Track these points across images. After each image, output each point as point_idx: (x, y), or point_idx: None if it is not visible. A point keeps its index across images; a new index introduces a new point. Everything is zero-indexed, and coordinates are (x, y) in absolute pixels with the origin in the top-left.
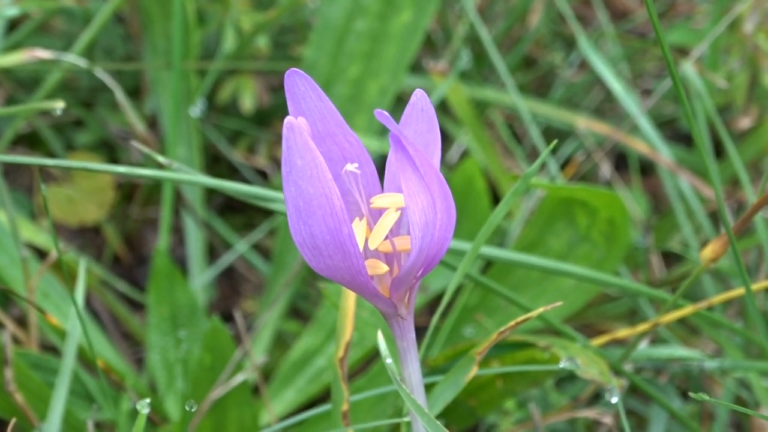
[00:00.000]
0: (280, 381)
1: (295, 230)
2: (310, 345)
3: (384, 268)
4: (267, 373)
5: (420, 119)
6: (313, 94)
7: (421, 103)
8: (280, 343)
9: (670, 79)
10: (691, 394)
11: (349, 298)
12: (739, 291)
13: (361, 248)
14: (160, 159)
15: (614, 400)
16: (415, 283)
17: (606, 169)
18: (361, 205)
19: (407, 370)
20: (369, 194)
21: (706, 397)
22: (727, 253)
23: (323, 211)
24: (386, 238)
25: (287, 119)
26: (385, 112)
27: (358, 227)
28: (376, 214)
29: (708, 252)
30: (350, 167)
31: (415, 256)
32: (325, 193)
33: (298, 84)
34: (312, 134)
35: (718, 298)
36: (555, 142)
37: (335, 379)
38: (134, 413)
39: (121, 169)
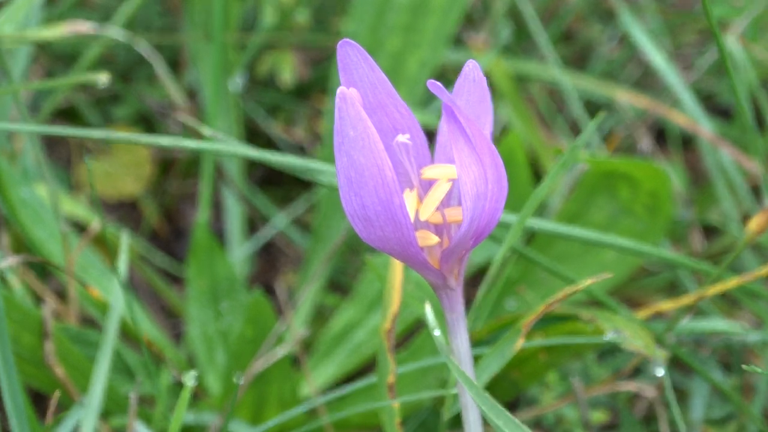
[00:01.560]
0: (319, 354)
1: (347, 201)
2: (350, 318)
3: (434, 239)
4: (307, 346)
5: (472, 90)
6: (365, 65)
7: (473, 73)
8: (319, 316)
9: (711, 53)
10: (744, 367)
11: (396, 270)
12: None
13: (411, 219)
14: (204, 130)
15: (660, 372)
16: (465, 255)
17: (646, 143)
18: (412, 176)
19: (456, 341)
20: (419, 165)
21: (758, 369)
22: None
23: (375, 181)
24: (437, 209)
25: (340, 89)
26: (438, 83)
27: (409, 198)
28: (427, 185)
29: (753, 225)
30: (401, 138)
31: (466, 227)
32: (377, 163)
33: (350, 54)
34: (363, 105)
35: (764, 270)
36: (602, 114)
37: (381, 351)
38: (174, 387)
39: (165, 140)
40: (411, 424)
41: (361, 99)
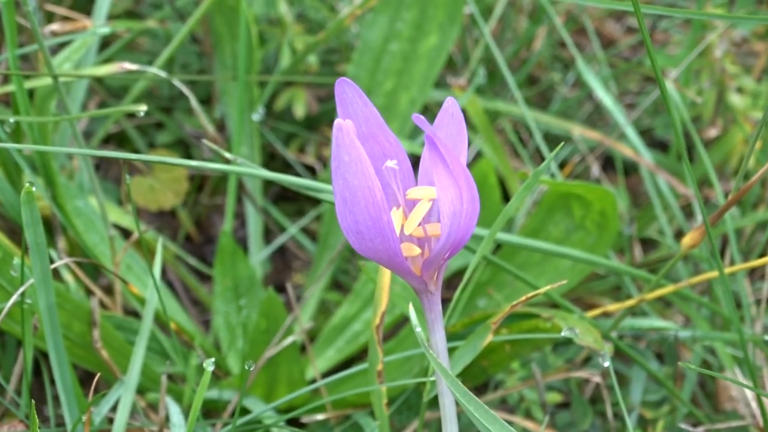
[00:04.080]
0: (322, 342)
1: (342, 217)
2: (349, 312)
3: (417, 250)
4: (312, 336)
5: (450, 123)
6: (359, 100)
7: (452, 109)
8: (324, 310)
9: (650, 96)
10: (681, 364)
11: (386, 274)
12: (713, 274)
13: (397, 233)
14: (227, 155)
15: (606, 364)
16: (443, 264)
17: (596, 170)
18: (398, 196)
19: (434, 337)
20: (405, 187)
21: (691, 366)
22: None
23: (366, 201)
24: (419, 224)
25: (336, 121)
26: (422, 117)
27: (396, 215)
28: (411, 204)
29: (687, 240)
30: (390, 164)
31: (444, 240)
32: (368, 185)
33: (347, 91)
34: (357, 135)
35: (696, 279)
36: (562, 145)
37: (372, 343)
38: (202, 368)
39: (195, 163)
40: (397, 403)
41: (356, 130)
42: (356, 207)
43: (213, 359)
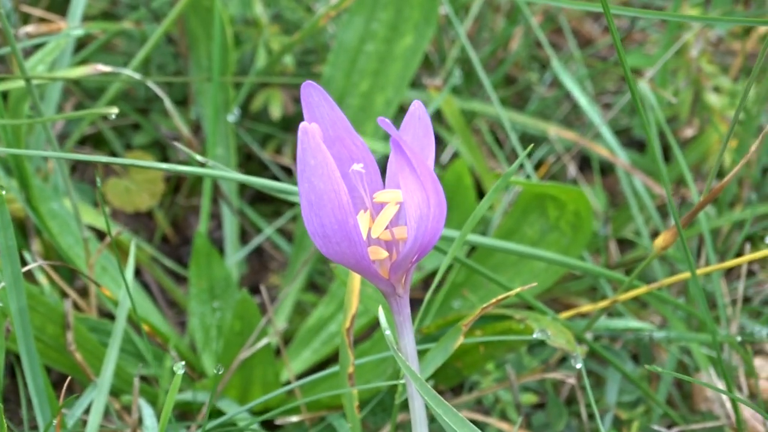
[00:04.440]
0: (298, 343)
1: (308, 221)
2: (324, 314)
3: (384, 254)
4: (288, 337)
5: (417, 126)
6: (325, 104)
7: (418, 112)
8: (300, 311)
9: (627, 95)
10: (647, 367)
11: (356, 277)
12: (685, 275)
13: (364, 237)
14: (200, 159)
15: (578, 365)
16: (411, 267)
17: (572, 170)
18: (365, 199)
19: (403, 340)
20: (372, 190)
21: (659, 369)
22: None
23: (332, 204)
24: (386, 228)
25: (302, 125)
26: (387, 120)
27: (363, 218)
28: (378, 207)
29: (660, 241)
30: (356, 167)
31: (411, 244)
32: (334, 188)
33: (313, 95)
34: (324, 138)
35: (668, 280)
36: (531, 146)
37: (343, 346)
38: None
39: (166, 166)
40: (371, 405)
41: (322, 133)
42: (322, 210)
43: (183, 362)
